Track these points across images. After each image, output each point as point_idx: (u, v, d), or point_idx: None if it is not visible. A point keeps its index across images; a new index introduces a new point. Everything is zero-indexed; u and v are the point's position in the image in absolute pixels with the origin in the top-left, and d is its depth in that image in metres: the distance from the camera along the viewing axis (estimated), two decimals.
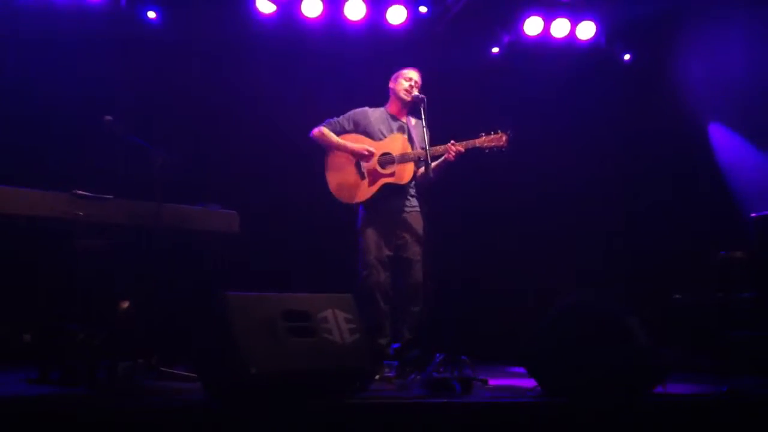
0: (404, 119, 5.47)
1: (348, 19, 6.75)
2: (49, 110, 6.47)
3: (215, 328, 3.85)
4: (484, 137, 5.17)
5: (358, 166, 5.41)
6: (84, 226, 4.55)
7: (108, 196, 4.64)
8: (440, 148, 5.21)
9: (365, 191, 5.36)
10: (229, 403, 3.66)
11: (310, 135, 5.51)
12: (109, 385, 4.27)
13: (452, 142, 5.19)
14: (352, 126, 5.49)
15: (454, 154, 5.17)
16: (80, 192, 4.55)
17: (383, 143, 5.40)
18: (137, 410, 3.59)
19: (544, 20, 6.96)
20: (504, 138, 5.15)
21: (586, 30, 7.04)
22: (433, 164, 5.14)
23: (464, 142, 5.20)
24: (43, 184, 4.54)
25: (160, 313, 4.96)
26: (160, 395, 4.04)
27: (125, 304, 4.69)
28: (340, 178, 5.42)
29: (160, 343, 4.98)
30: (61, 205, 4.47)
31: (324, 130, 5.47)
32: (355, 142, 5.43)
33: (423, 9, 6.77)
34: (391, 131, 5.44)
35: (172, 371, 4.82)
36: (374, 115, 5.51)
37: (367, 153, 5.34)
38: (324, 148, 5.50)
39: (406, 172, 5.31)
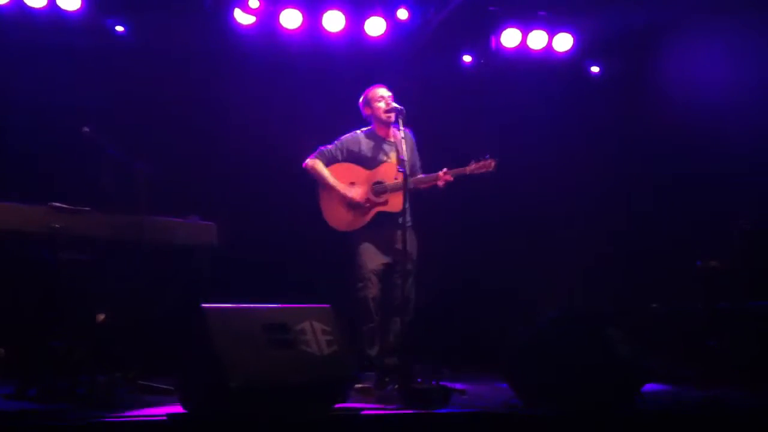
0: (392, 138, 5.49)
1: (327, 31, 6.75)
2: (27, 122, 6.43)
3: (194, 341, 3.84)
4: (473, 165, 5.32)
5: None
6: (61, 238, 4.51)
7: (86, 209, 4.61)
8: (432, 177, 5.36)
9: (359, 220, 5.45)
10: (208, 417, 3.65)
11: (303, 166, 5.57)
12: (87, 399, 4.23)
13: (444, 170, 5.32)
14: (345, 155, 5.54)
15: (443, 183, 5.31)
16: (57, 204, 4.51)
17: (376, 171, 5.47)
18: (116, 425, 3.57)
19: (521, 32, 7.00)
20: (492, 164, 5.31)
21: (563, 42, 7.08)
22: (423, 185, 5.38)
23: (454, 170, 5.34)
24: (20, 196, 4.51)
25: (138, 326, 4.94)
26: (139, 409, 4.02)
27: (102, 317, 4.66)
28: (334, 207, 5.50)
29: (139, 356, 4.95)
30: (38, 218, 4.43)
31: (317, 165, 5.52)
32: (346, 174, 5.50)
33: (403, 15, 6.77)
34: (385, 155, 5.49)
35: (151, 385, 4.80)
36: (366, 141, 5.55)
37: (352, 200, 5.41)
38: (316, 181, 5.56)
39: (399, 201, 5.33)
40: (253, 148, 6.88)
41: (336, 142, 5.58)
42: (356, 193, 5.43)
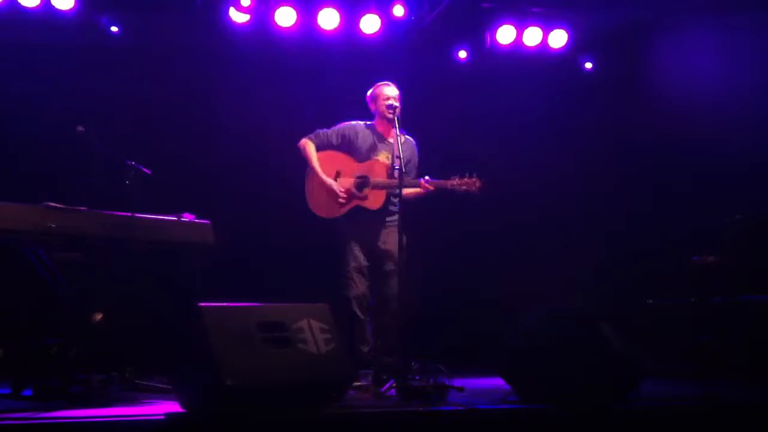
0: (391, 138, 5.46)
1: (322, 29, 6.75)
2: (21, 121, 6.42)
3: (190, 340, 3.83)
4: (457, 180, 5.25)
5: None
6: (57, 238, 4.50)
7: (81, 208, 4.60)
8: (414, 182, 5.31)
9: (337, 209, 5.42)
10: (204, 416, 3.64)
11: (298, 145, 5.55)
12: (84, 399, 4.22)
13: (426, 178, 5.27)
14: (339, 141, 5.53)
15: (424, 191, 5.28)
16: (52, 204, 4.50)
17: (364, 165, 5.45)
18: (113, 424, 3.57)
19: (516, 29, 7.00)
20: (477, 184, 5.24)
21: (558, 38, 7.09)
22: (410, 191, 5.31)
23: (437, 182, 5.29)
24: (14, 196, 4.49)
25: (134, 325, 4.93)
26: (136, 408, 4.01)
27: (99, 316, 4.65)
28: (317, 191, 5.49)
29: (135, 355, 4.94)
30: (33, 217, 4.41)
31: (309, 146, 5.51)
32: (335, 162, 5.48)
33: (399, 11, 6.75)
34: (377, 152, 5.48)
35: (147, 384, 4.79)
36: (363, 133, 5.54)
37: (336, 194, 5.38)
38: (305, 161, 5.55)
39: (378, 199, 5.36)
40: (248, 146, 6.88)
41: (334, 127, 5.59)
42: (335, 184, 5.42)
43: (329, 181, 5.43)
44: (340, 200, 5.37)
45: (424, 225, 5.67)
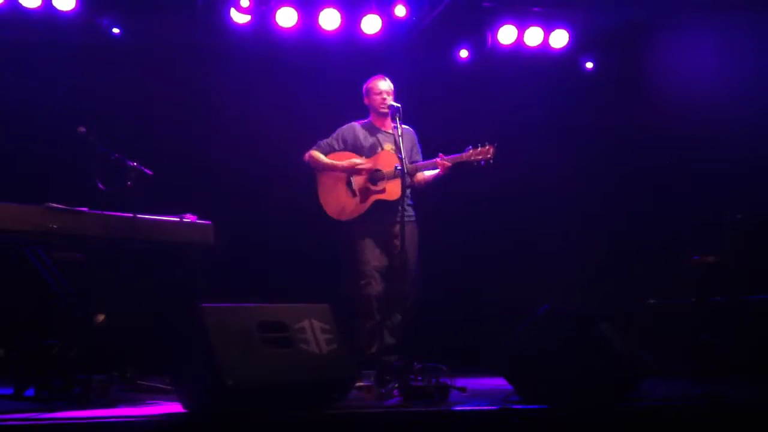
0: (391, 129, 5.46)
1: (323, 29, 6.75)
2: (22, 122, 6.43)
3: (191, 340, 3.83)
4: (471, 151, 5.22)
5: (349, 184, 5.49)
6: (58, 239, 4.50)
7: (82, 209, 4.60)
8: (429, 163, 5.32)
9: (358, 208, 5.43)
10: (205, 416, 3.65)
11: (303, 158, 5.59)
12: (85, 399, 4.23)
13: (441, 156, 5.24)
14: (342, 145, 5.56)
15: (443, 170, 5.26)
16: (53, 205, 4.50)
17: (373, 160, 5.44)
18: (115, 424, 3.57)
19: (517, 28, 7.00)
20: (491, 150, 5.19)
21: (559, 38, 7.09)
22: (427, 174, 5.36)
23: (452, 157, 5.26)
24: (15, 196, 4.49)
25: (135, 325, 4.93)
26: (138, 408, 4.02)
27: (101, 317, 4.65)
28: (332, 197, 5.51)
29: (136, 355, 4.95)
30: (34, 218, 4.41)
31: (314, 154, 5.56)
32: (342, 160, 5.49)
33: (401, 12, 6.75)
34: (380, 145, 5.48)
35: (148, 384, 4.80)
36: (362, 130, 5.57)
37: (356, 167, 5.39)
38: (315, 170, 5.56)
39: (396, 189, 5.32)
40: (249, 147, 6.89)
41: (333, 134, 5.60)
42: (354, 158, 5.42)
43: (345, 162, 5.43)
44: (363, 167, 5.37)
45: (425, 226, 5.67)
